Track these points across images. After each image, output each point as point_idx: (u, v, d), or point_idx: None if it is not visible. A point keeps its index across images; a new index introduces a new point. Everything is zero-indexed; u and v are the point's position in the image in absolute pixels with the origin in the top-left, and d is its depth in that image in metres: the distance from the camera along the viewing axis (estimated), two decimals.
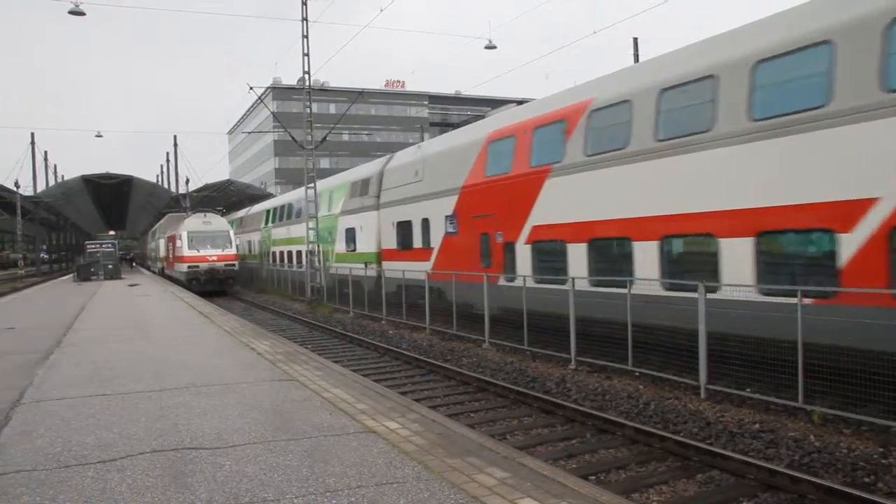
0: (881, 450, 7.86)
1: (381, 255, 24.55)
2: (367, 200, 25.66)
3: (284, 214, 38.76)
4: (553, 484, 5.32)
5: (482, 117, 22.57)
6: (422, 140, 35.86)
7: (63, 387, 9.51)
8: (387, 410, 7.82)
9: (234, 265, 39.33)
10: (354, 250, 26.89)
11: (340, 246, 28.59)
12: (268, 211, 43.70)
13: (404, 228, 22.69)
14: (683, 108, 12.37)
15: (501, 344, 15.96)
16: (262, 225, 44.00)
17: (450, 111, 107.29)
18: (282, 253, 38.82)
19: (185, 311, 21.45)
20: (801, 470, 7.57)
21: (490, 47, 42.94)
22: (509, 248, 16.87)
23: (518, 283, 15.75)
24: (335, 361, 13.40)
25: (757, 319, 10.52)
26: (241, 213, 53.29)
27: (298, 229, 34.04)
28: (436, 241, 20.53)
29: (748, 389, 10.15)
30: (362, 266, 25.60)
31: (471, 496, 5.02)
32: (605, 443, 9.14)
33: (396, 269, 22.02)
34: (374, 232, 24.98)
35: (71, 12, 32.00)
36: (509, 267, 16.86)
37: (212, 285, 37.55)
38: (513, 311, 15.86)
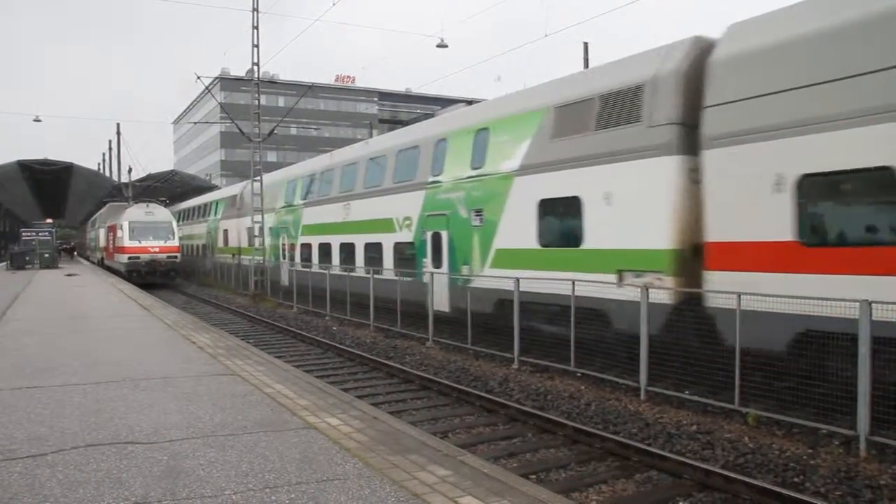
0: (810, 451, 8.13)
1: (709, 257, 10.69)
2: (629, 136, 12.06)
3: (356, 180, 22.66)
4: (494, 482, 5.35)
5: (432, 116, 21.56)
6: (370, 136, 34.00)
7: None
8: (329, 407, 7.77)
9: (175, 257, 38.94)
10: (574, 244, 13.25)
11: (510, 236, 14.97)
12: (292, 182, 28.78)
13: (859, 192, 9.20)
14: None
15: (445, 342, 15.95)
16: (281, 204, 29.42)
17: (399, 108, 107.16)
18: (329, 245, 24.17)
19: (124, 303, 20.94)
20: (735, 470, 7.76)
21: (442, 46, 42.96)
22: None
23: None
24: (278, 357, 13.24)
25: None
26: (235, 189, 39.08)
27: (390, 206, 20.02)
28: None
29: (687, 392, 10.35)
30: (587, 276, 12.31)
31: (412, 494, 5.01)
32: (546, 442, 9.23)
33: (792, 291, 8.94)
34: (662, 204, 11.52)
35: None
36: None
37: (153, 277, 36.99)
38: None
